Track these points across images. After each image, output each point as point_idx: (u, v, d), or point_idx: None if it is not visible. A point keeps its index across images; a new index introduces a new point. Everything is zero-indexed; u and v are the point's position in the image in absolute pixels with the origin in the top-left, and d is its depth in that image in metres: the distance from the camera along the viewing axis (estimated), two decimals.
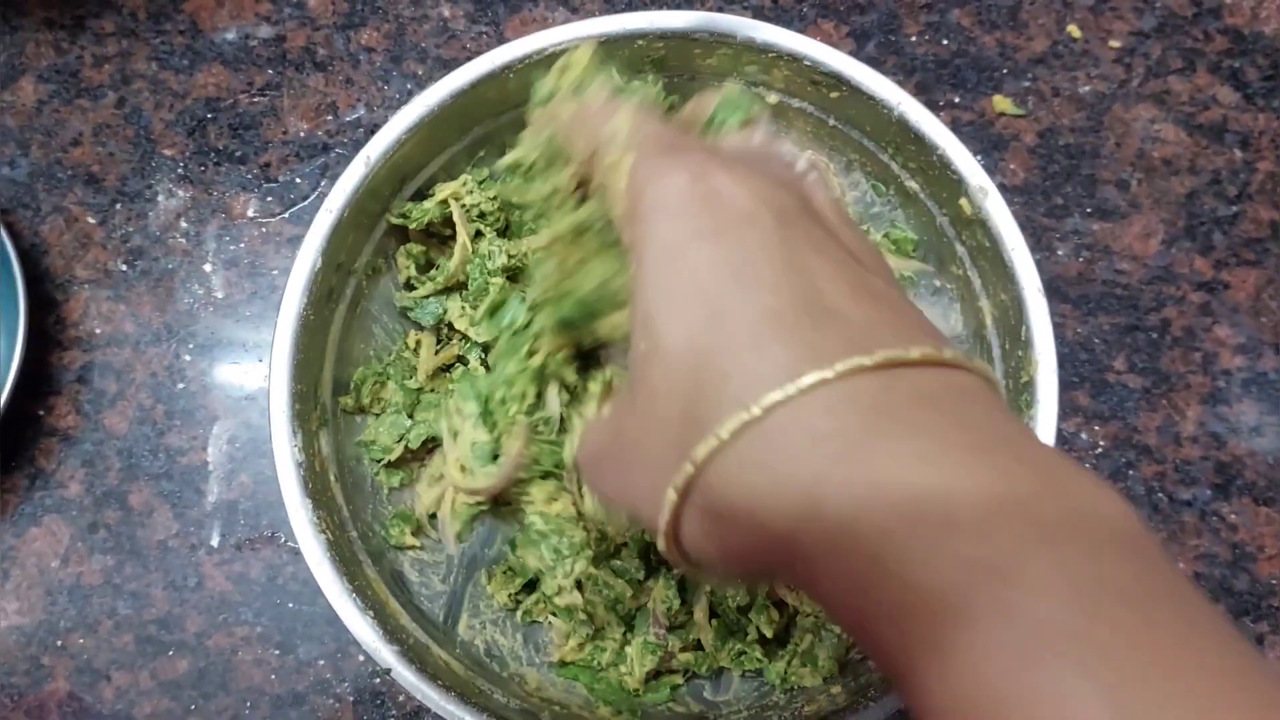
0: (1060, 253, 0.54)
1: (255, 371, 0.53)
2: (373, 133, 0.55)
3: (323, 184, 0.55)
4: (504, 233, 0.48)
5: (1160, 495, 0.51)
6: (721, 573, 0.26)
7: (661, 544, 0.24)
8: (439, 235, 0.49)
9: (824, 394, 0.21)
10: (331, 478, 0.45)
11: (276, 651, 0.51)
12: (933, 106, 0.55)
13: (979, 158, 0.54)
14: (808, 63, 0.45)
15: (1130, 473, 0.51)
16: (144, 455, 0.52)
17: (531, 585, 0.47)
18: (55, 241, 0.55)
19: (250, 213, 0.55)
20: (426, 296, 0.48)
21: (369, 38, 0.57)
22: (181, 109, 0.56)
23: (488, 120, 0.48)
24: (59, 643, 0.51)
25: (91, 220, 0.55)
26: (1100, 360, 0.53)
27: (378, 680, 0.50)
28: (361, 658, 0.51)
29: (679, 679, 0.46)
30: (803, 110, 0.48)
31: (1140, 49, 0.56)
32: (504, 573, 0.47)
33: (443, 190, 0.48)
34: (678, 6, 0.58)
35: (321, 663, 0.51)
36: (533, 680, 0.45)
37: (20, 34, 0.57)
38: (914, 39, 0.56)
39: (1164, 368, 0.53)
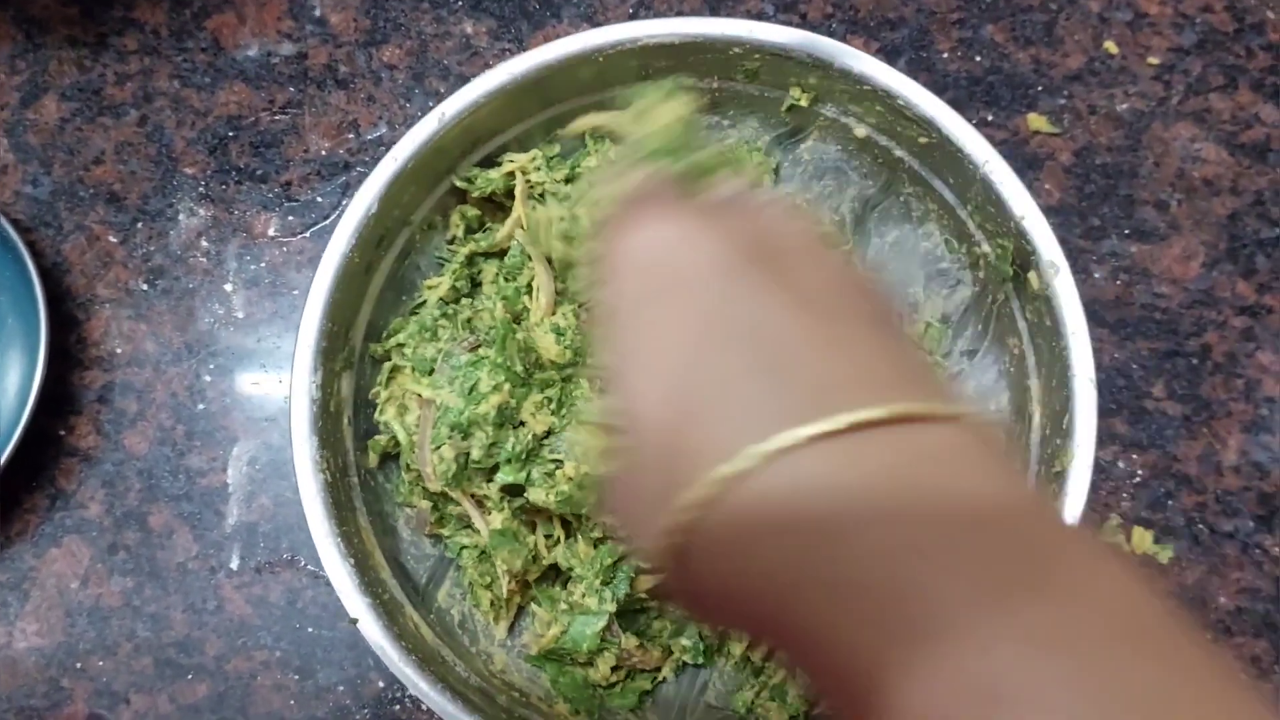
0: (1097, 275, 0.52)
1: (276, 392, 0.53)
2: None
3: (344, 203, 0.55)
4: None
5: (1201, 526, 0.50)
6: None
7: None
8: (499, 204, 0.49)
9: (786, 464, 0.20)
10: (345, 420, 0.45)
11: (296, 676, 0.50)
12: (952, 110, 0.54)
13: None
14: (900, 102, 0.44)
15: (1170, 503, 0.50)
16: (164, 476, 0.52)
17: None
18: (77, 260, 0.54)
19: (271, 232, 0.55)
20: (468, 255, 0.48)
21: (391, 55, 0.56)
22: (203, 127, 0.56)
23: (571, 99, 0.47)
24: (78, 665, 0.50)
25: (113, 239, 0.55)
26: (1138, 386, 0.51)
27: (397, 707, 0.50)
28: (382, 684, 0.50)
29: (647, 684, 0.45)
30: (888, 149, 0.47)
31: (1180, 66, 0.55)
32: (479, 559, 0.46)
33: (512, 162, 0.47)
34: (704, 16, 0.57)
35: (341, 688, 0.50)
36: (499, 661, 0.45)
37: (43, 52, 0.57)
38: (946, 55, 0.55)
39: (1204, 394, 0.51)
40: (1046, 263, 0.42)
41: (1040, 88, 0.54)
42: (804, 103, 0.47)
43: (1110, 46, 0.55)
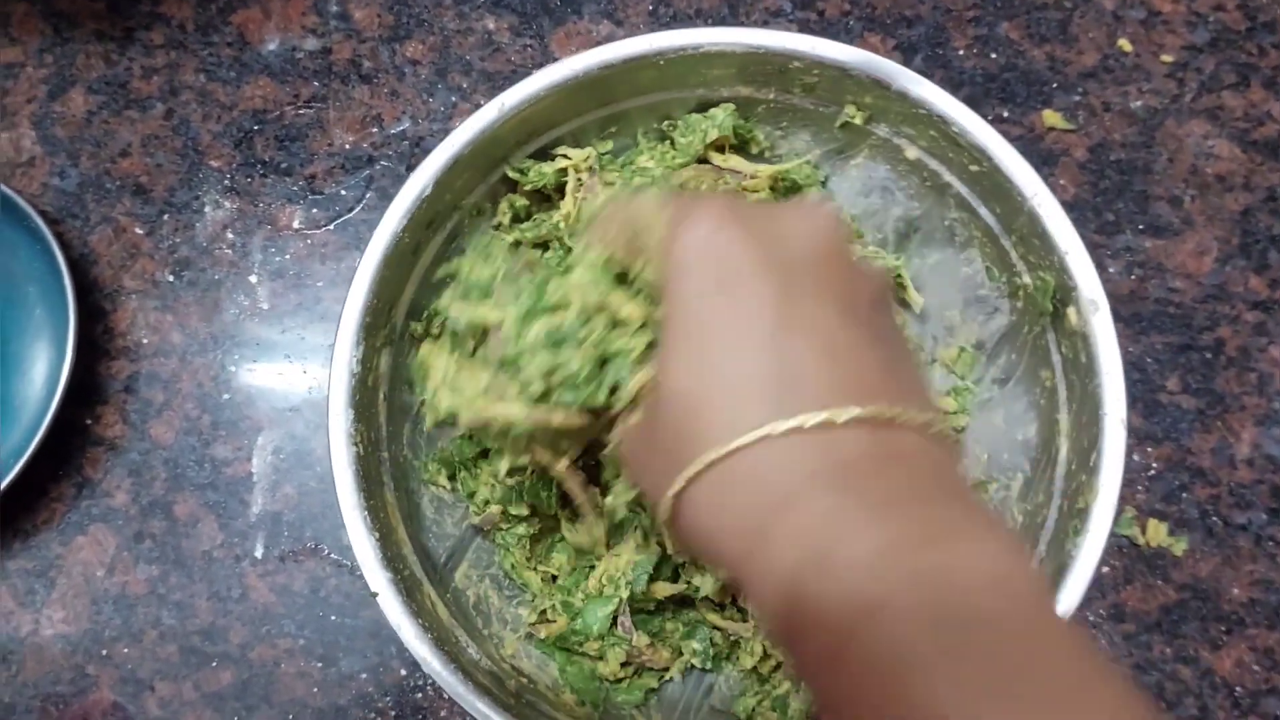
0: (1112, 270, 0.53)
1: (299, 383, 0.54)
2: (418, 145, 0.56)
3: (368, 196, 0.55)
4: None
5: (1215, 519, 0.50)
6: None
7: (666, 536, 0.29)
8: (547, 196, 0.50)
9: (774, 448, 0.26)
10: (381, 396, 0.45)
11: (319, 664, 0.51)
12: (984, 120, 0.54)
13: None
14: (955, 129, 0.44)
15: (1184, 495, 0.51)
16: (189, 465, 0.53)
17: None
18: (104, 252, 0.55)
19: (296, 224, 0.55)
20: (512, 243, 0.48)
21: (414, 50, 0.57)
22: (229, 120, 0.56)
23: (627, 99, 0.48)
24: (104, 652, 0.51)
25: (139, 231, 0.55)
26: (1153, 380, 0.52)
27: (419, 695, 0.50)
28: (404, 672, 0.50)
29: (654, 682, 0.46)
30: (937, 173, 0.47)
31: (1193, 63, 0.55)
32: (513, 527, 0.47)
33: (566, 158, 0.48)
34: (721, 21, 0.58)
35: (364, 676, 0.50)
36: (510, 645, 0.46)
37: (71, 45, 0.58)
38: (961, 52, 0.56)
39: (1218, 388, 0.52)
40: (1087, 300, 0.42)
41: (1055, 84, 0.55)
42: (858, 121, 0.47)
43: (1124, 44, 0.55)
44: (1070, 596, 0.40)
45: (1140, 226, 0.53)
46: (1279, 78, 0.55)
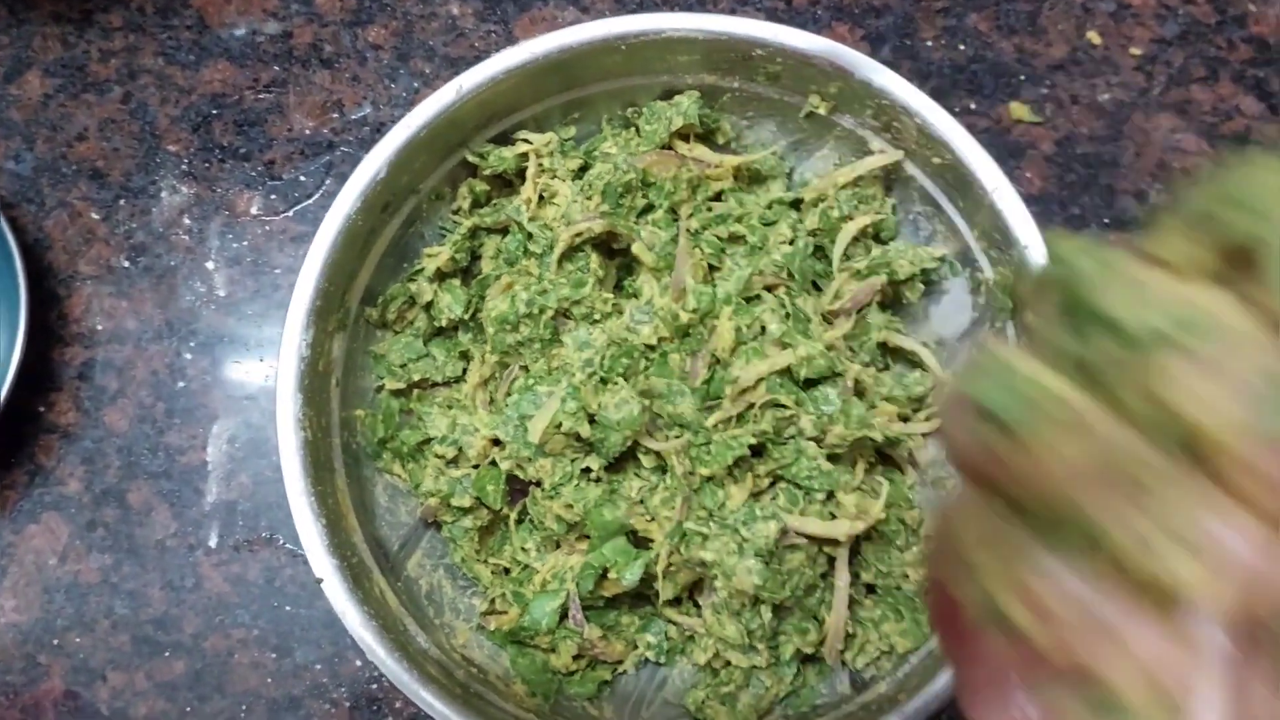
0: None
1: (256, 370, 0.53)
2: (379, 131, 0.55)
3: (327, 182, 0.55)
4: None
5: None
6: None
7: None
8: (508, 181, 0.49)
9: None
10: (333, 381, 0.45)
11: (273, 654, 0.50)
12: (948, 112, 0.54)
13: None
14: (918, 120, 0.44)
15: None
16: (144, 453, 0.52)
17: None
18: (59, 237, 0.54)
19: (254, 210, 0.54)
20: (471, 229, 0.48)
21: (376, 35, 0.56)
22: (187, 105, 0.56)
23: (592, 84, 0.47)
24: (55, 641, 0.50)
25: (95, 216, 0.54)
26: None
27: (374, 686, 0.50)
28: (359, 663, 0.50)
29: (607, 675, 0.45)
30: (901, 166, 0.47)
31: (1162, 57, 0.55)
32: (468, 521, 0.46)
33: (527, 143, 0.48)
34: (689, 8, 0.57)
35: (318, 667, 0.50)
36: (462, 635, 0.45)
37: (28, 27, 0.57)
38: (930, 43, 0.55)
39: None
40: None
41: (1023, 77, 0.55)
42: (823, 111, 0.47)
43: (1093, 37, 0.55)
44: None
45: (1106, 220, 0.53)
46: (1248, 72, 0.54)
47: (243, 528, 0.51)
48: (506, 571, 0.47)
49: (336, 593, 0.40)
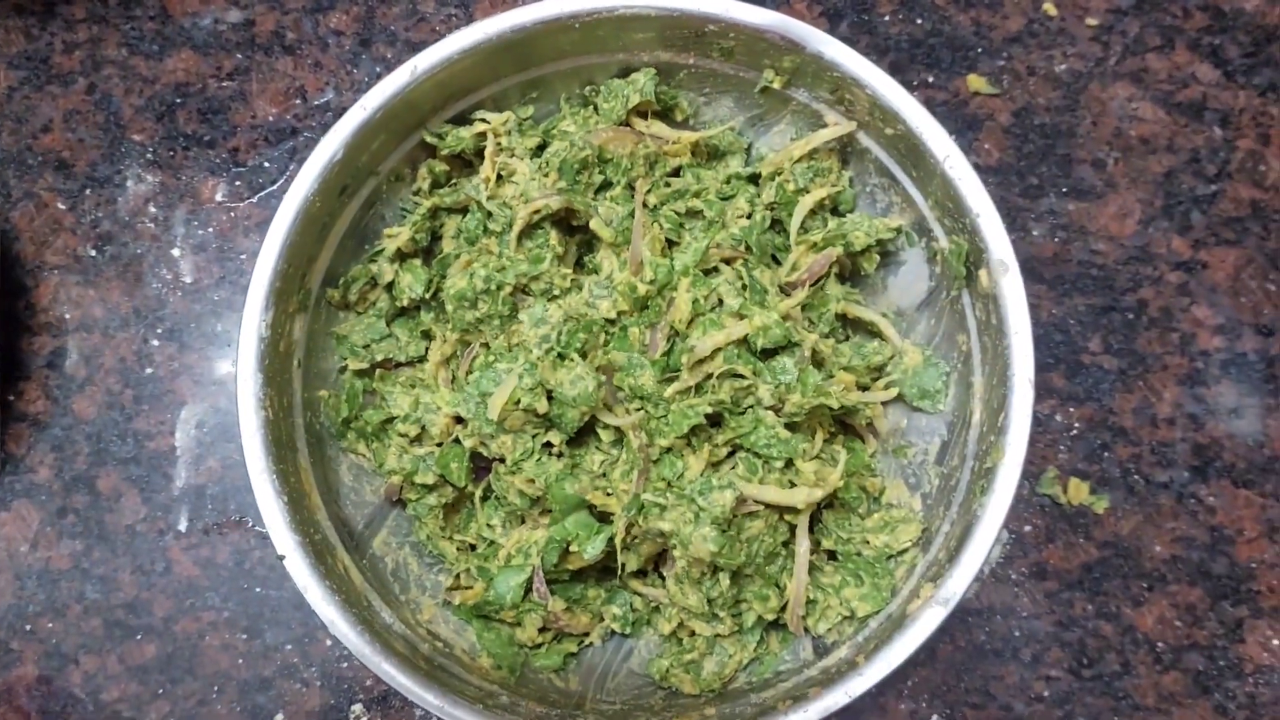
0: (1035, 233, 0.53)
1: (223, 356, 0.53)
2: (342, 116, 0.55)
3: (291, 167, 0.55)
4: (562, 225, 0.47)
5: (1136, 478, 0.51)
6: None
7: None
8: (468, 161, 0.49)
9: None
10: (295, 362, 0.45)
11: (244, 636, 0.50)
12: (907, 87, 0.54)
13: (953, 137, 0.53)
14: (869, 90, 0.44)
15: (1105, 455, 0.51)
16: (112, 440, 0.52)
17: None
18: (26, 227, 0.55)
19: (219, 197, 0.55)
20: (430, 209, 0.48)
21: (338, 21, 0.56)
22: (151, 94, 0.56)
23: (548, 64, 0.48)
24: (28, 627, 0.51)
25: (61, 206, 0.55)
26: (1075, 342, 0.52)
27: (345, 664, 0.50)
28: (329, 642, 0.50)
29: (573, 647, 0.46)
30: (856, 139, 0.47)
31: (1118, 27, 0.55)
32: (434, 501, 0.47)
33: (484, 122, 0.48)
34: None
35: (289, 647, 0.50)
36: (427, 611, 0.46)
37: None
38: (887, 18, 0.56)
39: (1140, 349, 0.52)
40: (996, 261, 0.42)
41: (980, 50, 0.55)
42: (777, 85, 0.47)
43: (1049, 8, 0.55)
44: (974, 556, 0.40)
45: (1064, 189, 0.53)
46: (1203, 40, 0.55)
47: (212, 511, 0.52)
48: (472, 548, 0.47)
49: (299, 569, 0.41)
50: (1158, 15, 0.55)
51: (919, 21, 0.56)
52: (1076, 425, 0.51)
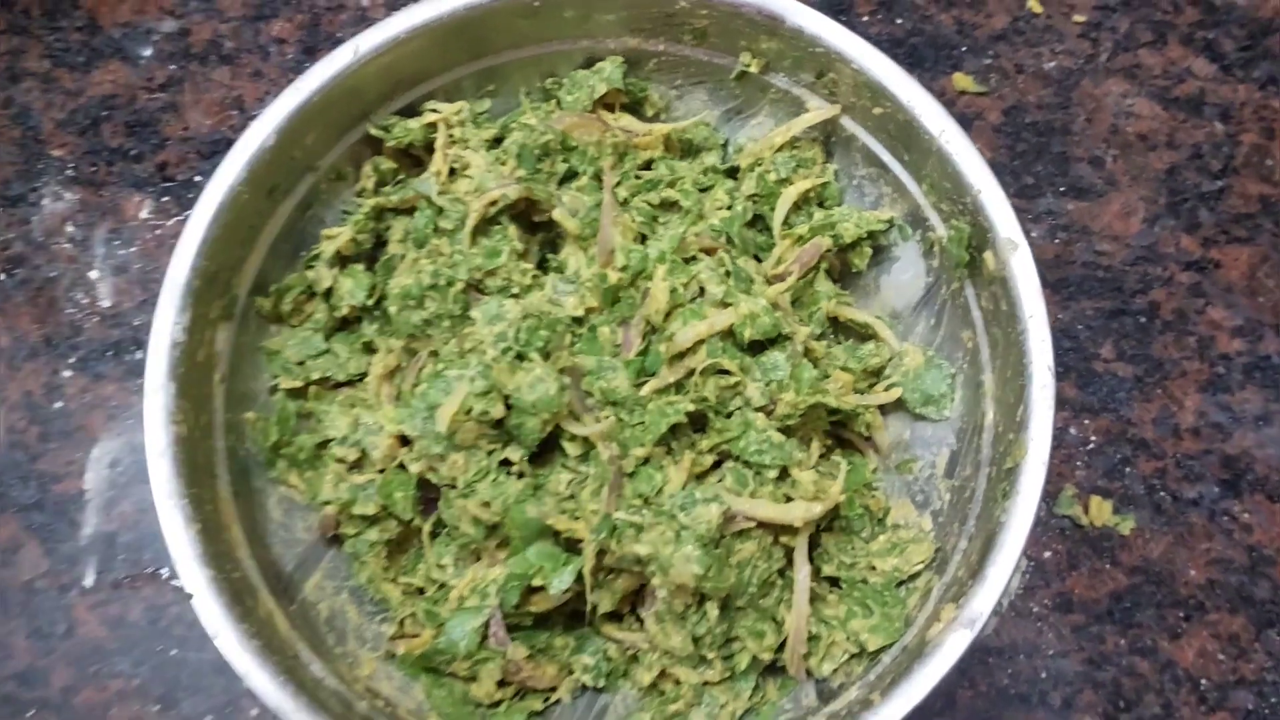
0: (1035, 234, 0.49)
1: (142, 387, 0.47)
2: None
3: None
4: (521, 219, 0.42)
5: (1163, 494, 0.46)
6: None
7: None
8: (417, 158, 0.44)
9: None
10: (217, 377, 0.40)
11: (157, 707, 0.43)
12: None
13: None
14: (854, 66, 0.41)
15: (1127, 470, 0.46)
16: (13, 484, 0.46)
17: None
18: None
19: (144, 214, 0.50)
20: (375, 210, 0.43)
21: (281, 29, 0.53)
22: (74, 108, 0.51)
23: (505, 51, 0.44)
24: None
25: None
26: (1085, 348, 0.48)
27: None
28: (255, 712, 0.43)
29: (537, 705, 0.39)
30: (841, 125, 0.43)
31: (1106, 23, 0.53)
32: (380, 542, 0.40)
33: (435, 112, 0.43)
34: None
35: (209, 718, 0.43)
36: (367, 666, 0.39)
37: None
38: (866, 19, 0.53)
39: (1156, 354, 0.47)
40: (1004, 239, 0.38)
41: (964, 48, 0.52)
42: (754, 69, 0.44)
43: (1034, 6, 0.53)
44: (1001, 569, 0.35)
45: (1061, 188, 0.50)
46: (1197, 34, 0.52)
47: (123, 562, 0.45)
48: (421, 592, 0.41)
49: (209, 610, 0.34)
50: (1147, 11, 0.53)
51: (899, 21, 0.53)
52: (1093, 438, 0.46)
